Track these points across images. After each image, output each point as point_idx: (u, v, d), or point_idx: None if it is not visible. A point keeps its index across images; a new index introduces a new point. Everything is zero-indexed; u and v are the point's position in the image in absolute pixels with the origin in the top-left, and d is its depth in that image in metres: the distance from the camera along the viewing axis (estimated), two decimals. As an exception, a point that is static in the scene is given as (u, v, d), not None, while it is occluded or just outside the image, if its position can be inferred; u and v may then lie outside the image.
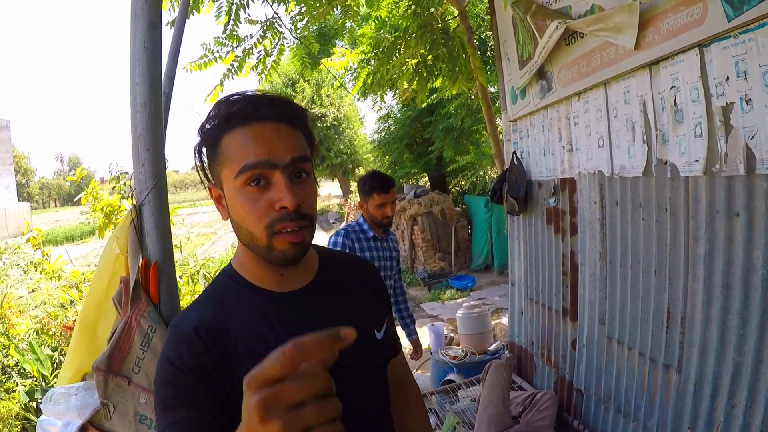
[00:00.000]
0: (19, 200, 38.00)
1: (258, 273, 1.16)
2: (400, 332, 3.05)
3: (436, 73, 5.56)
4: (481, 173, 11.57)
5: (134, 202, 1.81)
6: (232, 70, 5.39)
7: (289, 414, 0.54)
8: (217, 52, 5.26)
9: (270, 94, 1.11)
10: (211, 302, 1.15)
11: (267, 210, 1.03)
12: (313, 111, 21.81)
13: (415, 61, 5.39)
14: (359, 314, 1.27)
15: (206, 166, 1.13)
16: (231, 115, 1.06)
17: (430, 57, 5.30)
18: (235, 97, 1.09)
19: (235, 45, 5.25)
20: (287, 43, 5.74)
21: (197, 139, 1.13)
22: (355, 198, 12.27)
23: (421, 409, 1.55)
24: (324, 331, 0.56)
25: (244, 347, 1.08)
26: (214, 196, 1.16)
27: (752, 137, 1.97)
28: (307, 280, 1.21)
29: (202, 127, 1.11)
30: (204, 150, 1.13)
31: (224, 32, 5.11)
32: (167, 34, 1.99)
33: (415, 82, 5.50)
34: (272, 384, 0.54)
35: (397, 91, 6.33)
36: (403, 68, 5.40)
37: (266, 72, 5.64)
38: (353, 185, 22.37)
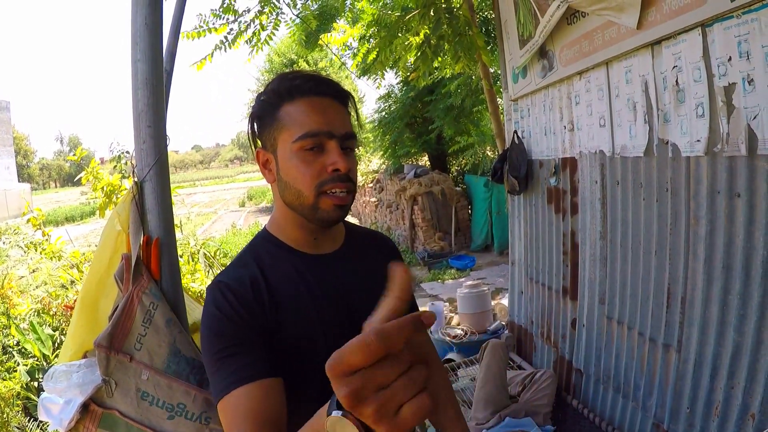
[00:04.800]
0: (19, 181, 37.91)
1: (295, 235, 1.26)
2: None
3: (440, 52, 5.52)
4: (481, 154, 11.52)
5: (136, 179, 1.81)
6: (226, 42, 5.35)
7: (380, 397, 0.54)
8: (212, 23, 5.22)
9: (326, 76, 1.24)
10: (252, 261, 1.23)
11: (320, 171, 1.15)
12: None
13: (419, 38, 5.34)
14: (383, 279, 1.29)
15: (257, 132, 1.25)
16: (293, 88, 1.18)
17: (434, 38, 5.26)
18: (295, 73, 1.21)
19: (231, 18, 5.21)
20: (285, 19, 5.70)
21: (254, 107, 1.24)
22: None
23: (442, 373, 1.63)
24: (406, 316, 0.57)
25: (287, 299, 1.19)
26: (261, 161, 1.25)
27: (754, 118, 1.96)
28: (335, 247, 1.32)
29: (259, 97, 1.23)
30: (259, 117, 1.23)
31: (222, 5, 5.07)
32: (168, 11, 1.97)
33: (420, 61, 5.45)
34: (355, 371, 0.54)
35: (402, 69, 6.28)
36: (407, 45, 5.36)
37: (259, 45, 5.60)
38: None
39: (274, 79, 1.22)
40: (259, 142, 1.26)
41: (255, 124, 1.25)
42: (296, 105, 1.17)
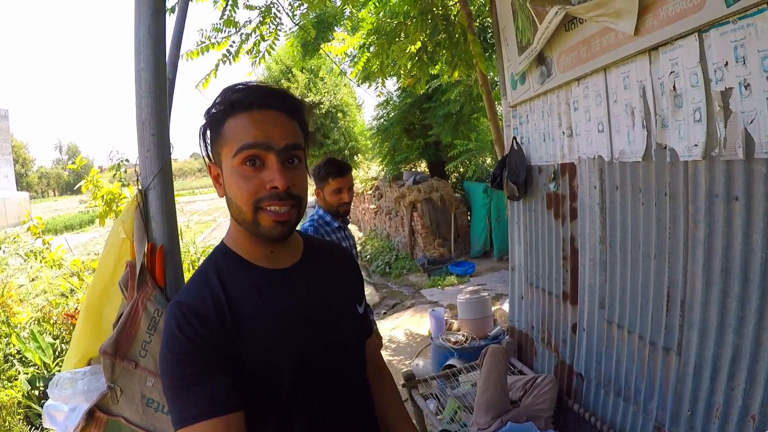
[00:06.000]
0: (18, 189, 37.87)
1: (250, 249, 1.25)
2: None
3: (436, 59, 5.54)
4: (480, 160, 11.55)
5: (140, 187, 1.82)
6: (228, 56, 5.37)
7: None
8: (214, 38, 5.24)
9: (273, 86, 1.23)
10: (215, 276, 1.21)
11: (258, 188, 1.14)
12: (308, 98, 21.72)
13: (416, 46, 5.37)
14: (344, 290, 1.42)
15: (209, 146, 1.24)
16: (236, 102, 1.17)
17: (430, 45, 5.29)
18: (240, 86, 1.20)
19: (231, 31, 5.24)
20: (284, 30, 5.73)
21: (203, 122, 1.23)
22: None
23: (396, 393, 1.64)
24: None
25: (249, 318, 1.18)
26: (213, 175, 1.25)
27: (751, 122, 1.98)
28: (294, 260, 1.31)
29: (209, 110, 1.21)
30: (208, 132, 1.23)
31: (222, 17, 5.09)
32: (169, 21, 2.00)
33: (416, 68, 5.48)
34: None
35: (402, 76, 6.31)
36: (406, 51, 5.38)
37: (260, 56, 5.63)
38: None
39: (222, 91, 1.22)
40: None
41: (202, 138, 1.25)
42: (237, 119, 1.16)
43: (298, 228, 1.31)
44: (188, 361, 1.08)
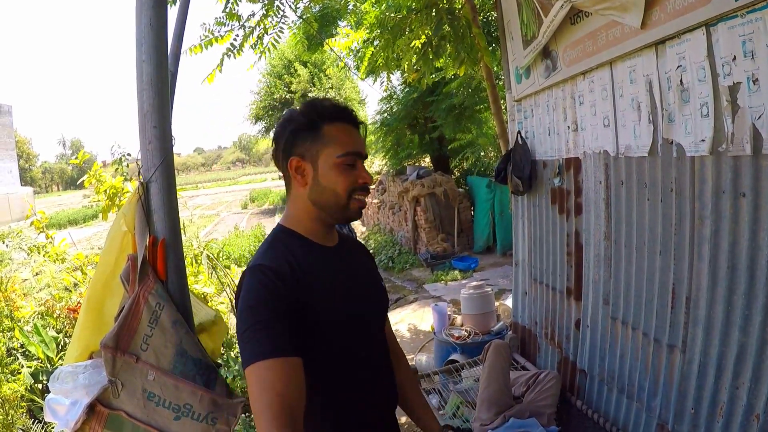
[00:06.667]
0: (21, 185, 37.97)
1: (312, 229, 1.54)
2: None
3: (441, 53, 5.52)
4: (482, 153, 11.53)
5: (141, 180, 1.81)
6: (232, 49, 5.35)
7: None
8: (217, 31, 5.22)
9: (348, 105, 1.60)
10: (283, 248, 1.48)
11: (353, 181, 1.48)
12: (312, 93, 21.73)
13: (421, 41, 5.34)
14: (368, 269, 1.75)
15: (296, 143, 1.49)
16: (334, 113, 1.51)
17: (435, 39, 5.25)
18: (325, 101, 1.54)
19: (235, 24, 5.21)
20: (287, 23, 5.70)
21: (294, 122, 1.50)
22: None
23: (407, 366, 1.93)
24: None
25: (316, 282, 1.45)
26: (293, 166, 1.49)
27: (759, 117, 1.96)
28: (335, 242, 1.61)
29: (299, 115, 1.51)
30: (300, 131, 1.49)
31: (225, 10, 5.07)
32: (171, 13, 1.98)
33: (421, 62, 5.45)
34: None
35: (406, 71, 6.28)
36: (410, 46, 5.36)
37: (264, 50, 5.60)
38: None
39: (310, 102, 1.53)
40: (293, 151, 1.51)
41: (293, 136, 1.49)
42: (336, 127, 1.49)
43: None
44: (264, 308, 1.30)
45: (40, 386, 4.38)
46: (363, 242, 14.01)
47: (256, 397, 1.20)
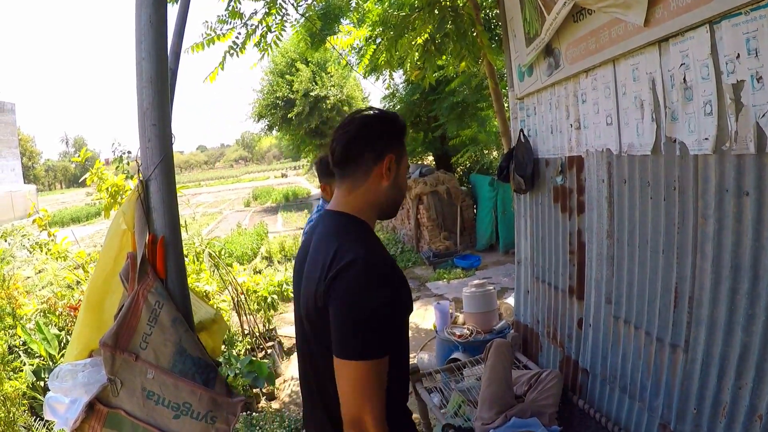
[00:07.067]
0: (25, 182, 38.00)
1: (372, 221, 1.69)
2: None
3: (444, 50, 5.51)
4: (485, 151, 11.52)
5: (141, 177, 1.80)
6: (235, 48, 5.34)
7: None
8: (219, 29, 5.21)
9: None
10: (377, 243, 1.64)
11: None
12: (314, 92, 21.73)
13: (424, 38, 5.33)
14: None
15: (393, 144, 1.68)
16: (404, 128, 1.74)
17: (438, 37, 5.24)
18: (400, 118, 1.74)
19: (237, 22, 5.21)
20: (290, 21, 5.69)
21: (398, 126, 1.71)
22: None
23: None
24: None
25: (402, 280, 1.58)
26: (386, 165, 1.64)
27: (763, 115, 1.95)
28: None
29: (399, 120, 1.73)
30: (395, 136, 1.70)
31: (227, 8, 5.06)
32: (172, 11, 1.97)
33: (424, 59, 5.45)
34: None
35: (409, 68, 6.28)
36: (413, 44, 5.35)
37: (267, 48, 5.60)
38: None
39: (394, 116, 1.73)
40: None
41: (395, 137, 1.69)
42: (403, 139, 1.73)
43: (305, 220, 1.59)
44: (383, 308, 1.43)
45: (42, 384, 4.38)
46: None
47: (367, 387, 1.40)
